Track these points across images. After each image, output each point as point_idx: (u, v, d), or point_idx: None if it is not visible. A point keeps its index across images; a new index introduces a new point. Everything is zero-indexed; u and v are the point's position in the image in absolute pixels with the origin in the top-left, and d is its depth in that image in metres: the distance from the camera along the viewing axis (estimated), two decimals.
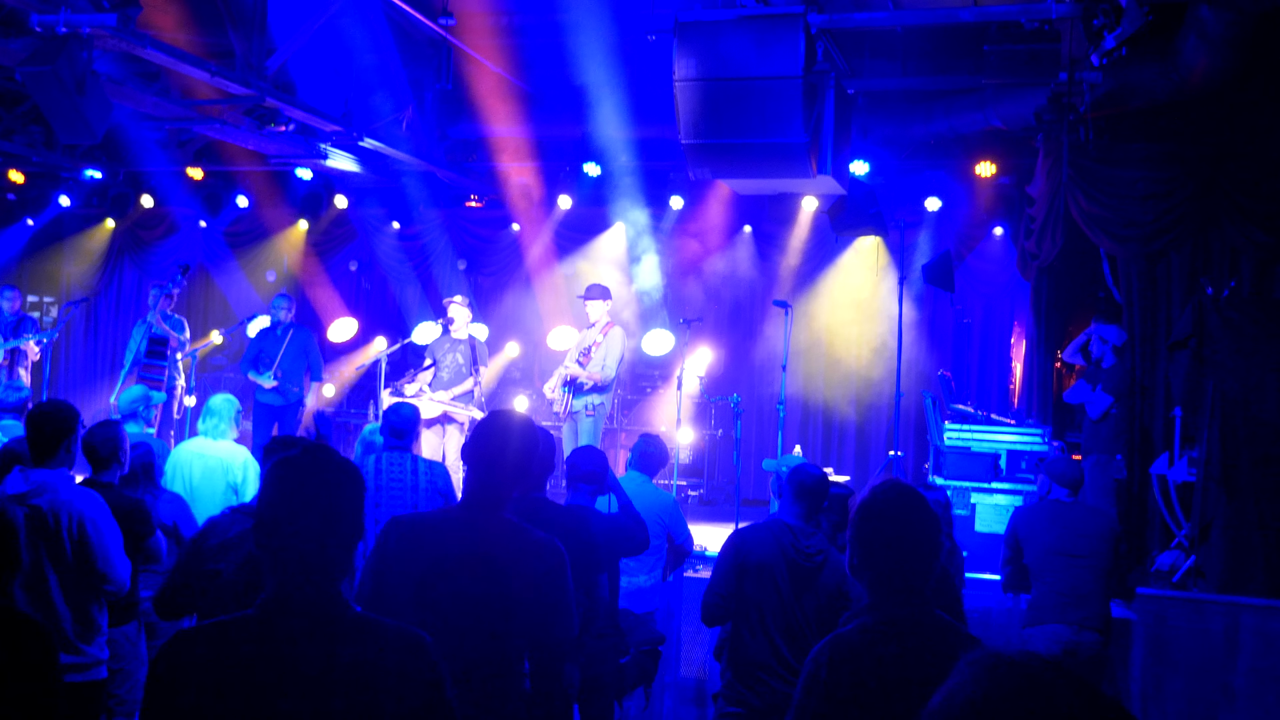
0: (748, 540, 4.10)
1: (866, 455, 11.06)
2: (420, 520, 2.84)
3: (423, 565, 2.65)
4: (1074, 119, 7.42)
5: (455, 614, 2.59)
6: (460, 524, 2.77)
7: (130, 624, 4.46)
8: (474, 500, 2.80)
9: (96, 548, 3.88)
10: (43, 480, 3.88)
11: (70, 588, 3.87)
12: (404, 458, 5.04)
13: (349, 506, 2.04)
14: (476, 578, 2.63)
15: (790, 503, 4.14)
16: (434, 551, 2.67)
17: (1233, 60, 6.44)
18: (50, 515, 3.83)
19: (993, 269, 10.51)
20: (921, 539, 2.44)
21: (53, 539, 3.82)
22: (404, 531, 2.79)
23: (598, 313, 8.35)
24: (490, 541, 2.73)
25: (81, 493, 3.97)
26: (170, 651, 1.94)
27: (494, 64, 9.34)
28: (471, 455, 2.84)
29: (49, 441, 3.94)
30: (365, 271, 13.02)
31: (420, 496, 4.93)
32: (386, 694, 1.92)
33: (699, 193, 10.93)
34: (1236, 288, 7.55)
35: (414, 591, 2.62)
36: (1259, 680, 5.78)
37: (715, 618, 4.13)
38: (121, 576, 3.96)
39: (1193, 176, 7.65)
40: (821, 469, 4.31)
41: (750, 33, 6.47)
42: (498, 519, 2.79)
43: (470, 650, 2.59)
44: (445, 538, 2.72)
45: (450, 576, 2.62)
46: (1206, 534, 6.78)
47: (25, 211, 13.26)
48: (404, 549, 2.74)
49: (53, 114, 6.52)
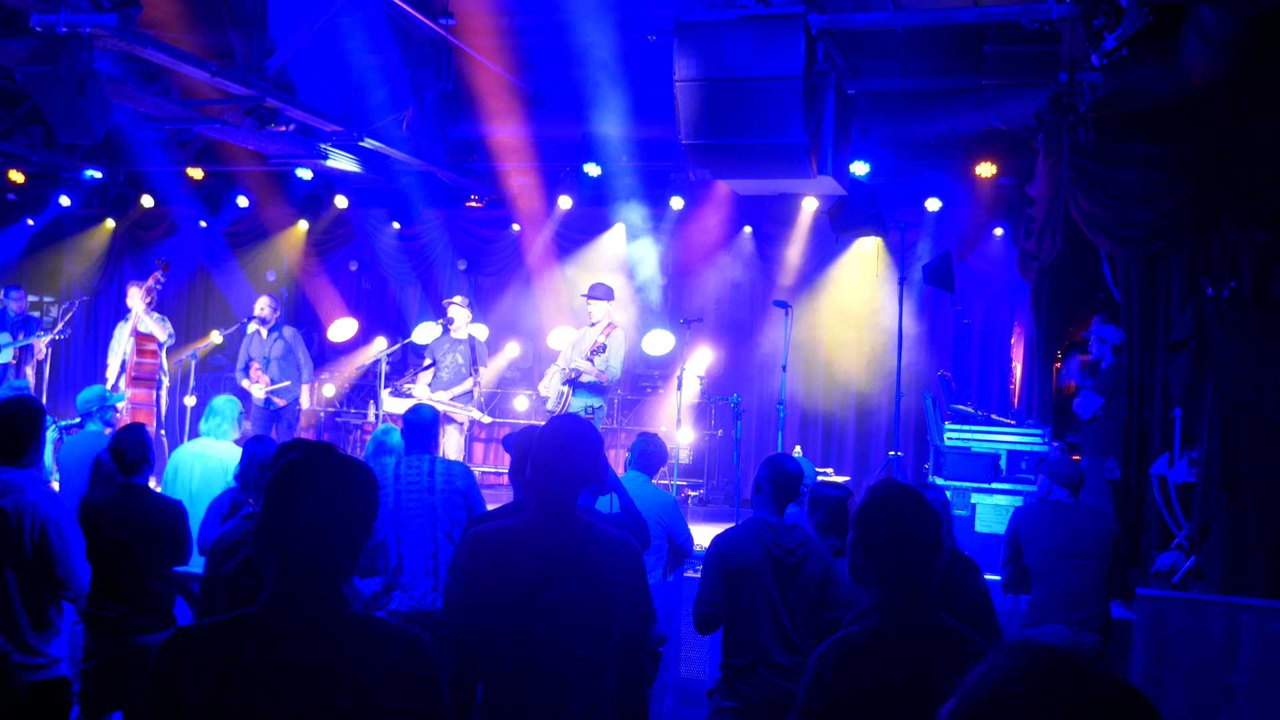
0: (729, 543, 4.11)
1: (866, 455, 11.06)
2: (503, 530, 2.82)
3: (524, 574, 2.68)
4: (1074, 119, 7.42)
5: (563, 618, 2.66)
6: (547, 528, 2.78)
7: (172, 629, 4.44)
8: (550, 503, 2.81)
9: (58, 552, 3.75)
10: (9, 480, 3.74)
11: (28, 589, 3.74)
12: (421, 459, 5.01)
13: (354, 507, 2.03)
14: (580, 580, 2.69)
15: (767, 498, 4.14)
16: (533, 559, 2.70)
17: (1233, 60, 6.44)
18: (13, 516, 3.69)
19: (993, 269, 10.51)
20: (923, 538, 2.43)
21: (13, 540, 3.69)
22: (491, 544, 2.79)
23: (600, 312, 8.33)
24: (582, 543, 2.77)
25: (48, 496, 3.84)
26: (171, 649, 1.94)
27: (494, 64, 9.34)
28: (543, 459, 2.84)
29: (17, 440, 3.80)
30: (365, 271, 13.02)
31: (438, 498, 4.89)
32: (388, 693, 1.92)
33: (699, 193, 10.93)
34: (1236, 288, 7.55)
35: (518, 600, 2.66)
36: (1259, 680, 5.78)
37: (709, 625, 4.15)
38: (81, 583, 3.83)
39: (1193, 177, 7.65)
40: (795, 460, 4.30)
41: (750, 33, 6.47)
42: (576, 520, 2.82)
43: (577, 651, 2.68)
44: (538, 544, 2.74)
45: (554, 582, 2.67)
46: (1206, 534, 6.78)
47: (25, 211, 13.28)
48: (496, 560, 2.74)
49: (53, 114, 6.52)
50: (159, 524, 4.38)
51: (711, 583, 4.09)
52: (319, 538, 1.97)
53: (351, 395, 12.10)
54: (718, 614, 4.09)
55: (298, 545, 1.96)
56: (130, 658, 4.46)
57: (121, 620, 4.45)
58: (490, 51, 9.22)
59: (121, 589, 4.44)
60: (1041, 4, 6.02)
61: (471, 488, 4.98)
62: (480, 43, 9.11)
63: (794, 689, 3.93)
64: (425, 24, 8.56)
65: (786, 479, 4.14)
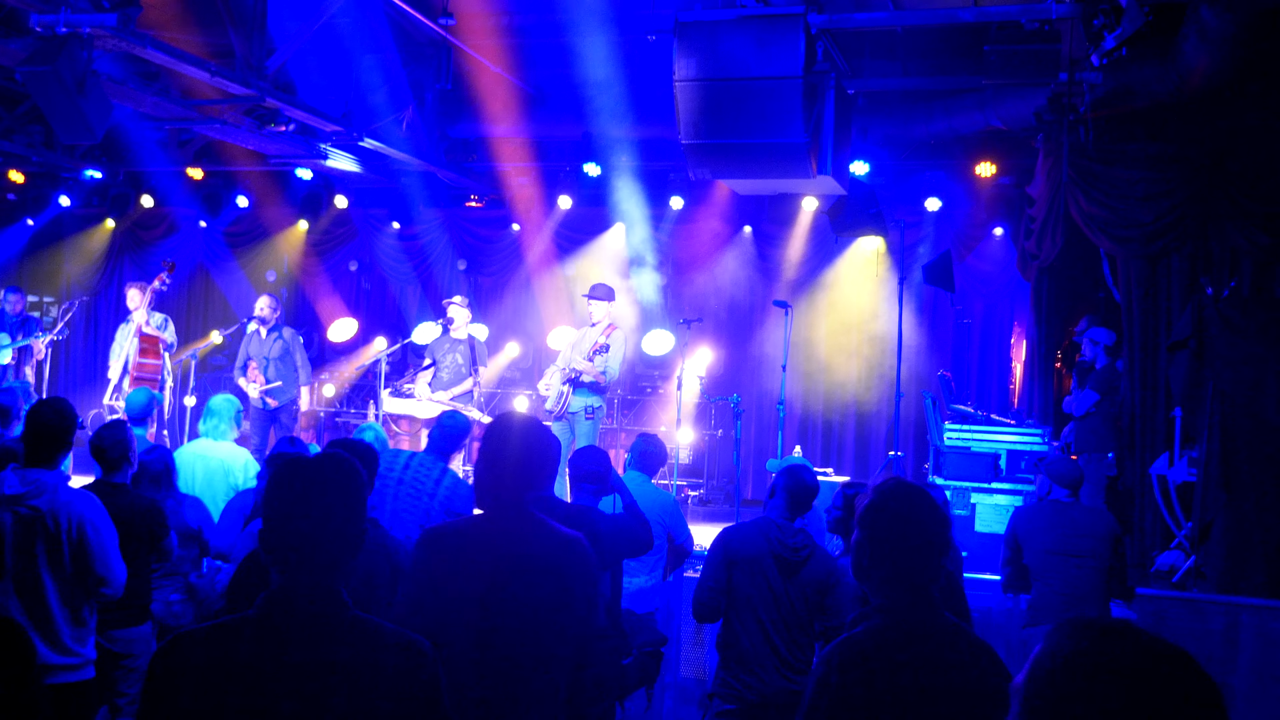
0: (735, 537, 4.16)
1: (866, 455, 11.06)
2: (457, 530, 2.80)
3: (482, 573, 2.66)
4: (1074, 119, 7.42)
5: (520, 617, 2.64)
6: (500, 529, 2.75)
7: (145, 624, 4.47)
8: (499, 503, 2.79)
9: (96, 550, 3.82)
10: (41, 481, 3.80)
11: (65, 590, 3.80)
12: (435, 465, 4.97)
13: (352, 509, 2.04)
14: (539, 578, 2.67)
15: (780, 502, 4.18)
16: (490, 558, 2.68)
17: (1233, 60, 6.43)
18: (50, 517, 3.76)
19: (993, 269, 10.51)
20: (929, 537, 2.41)
21: (51, 541, 3.76)
22: (447, 544, 2.77)
23: (601, 312, 8.33)
24: (538, 542, 2.75)
25: (80, 495, 3.90)
26: (167, 652, 1.95)
27: (494, 64, 9.34)
28: (485, 459, 2.82)
29: (49, 442, 3.86)
30: (365, 271, 13.03)
31: (434, 504, 4.84)
32: (384, 696, 1.92)
33: (699, 193, 10.93)
34: (1236, 288, 7.54)
35: (475, 599, 2.63)
36: (1259, 680, 5.78)
37: (707, 612, 4.17)
38: (119, 579, 3.91)
39: (1193, 176, 7.64)
40: (814, 474, 4.35)
41: (750, 33, 6.47)
42: (531, 519, 2.79)
43: (534, 649, 2.67)
44: (493, 544, 2.71)
45: (513, 580, 2.65)
46: (1206, 534, 6.78)
47: (25, 211, 13.28)
48: (452, 560, 2.72)
49: (53, 114, 6.52)
50: (134, 522, 4.39)
51: (714, 571, 4.12)
52: (316, 540, 1.97)
53: (351, 395, 12.09)
54: (716, 601, 4.11)
55: (295, 547, 1.97)
56: (106, 652, 4.47)
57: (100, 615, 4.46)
58: (490, 51, 9.22)
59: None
60: (1041, 4, 6.02)
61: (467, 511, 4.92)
62: (480, 42, 9.10)
63: (792, 689, 3.96)
64: (425, 24, 8.56)
65: (802, 490, 4.19)
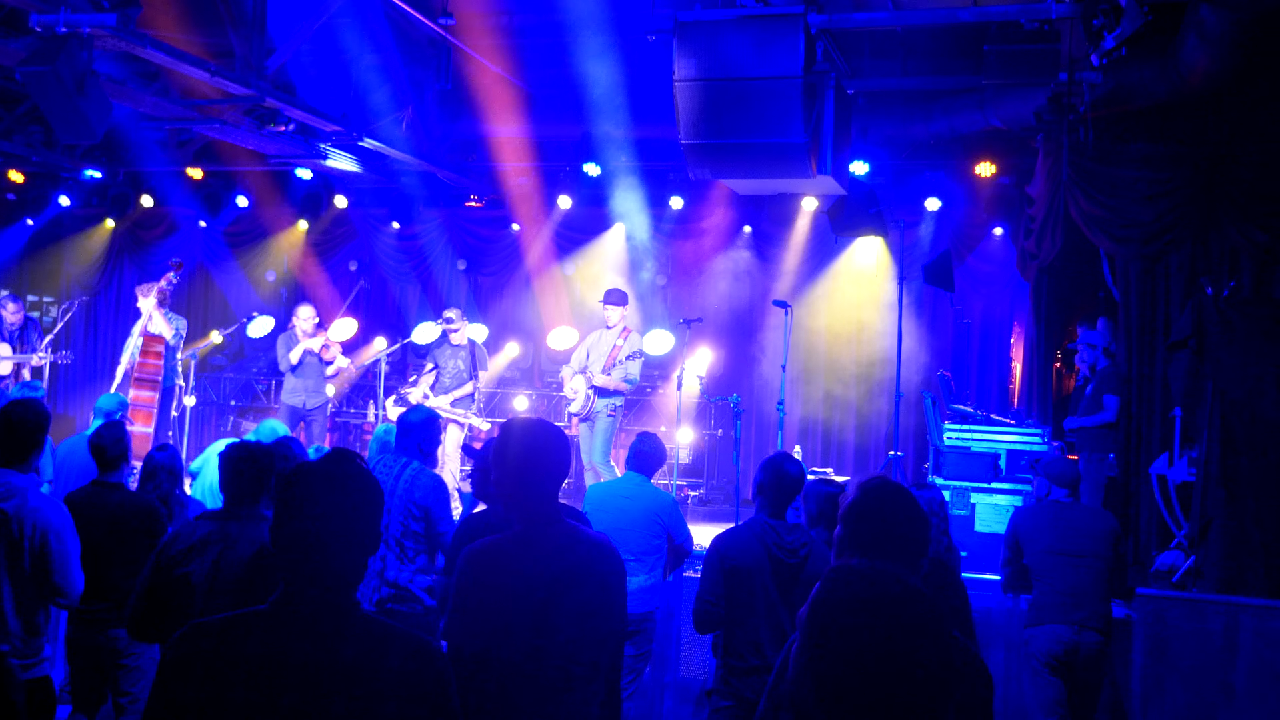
0: (729, 544, 4.12)
1: (866, 455, 11.06)
2: (498, 548, 2.74)
3: (533, 590, 2.65)
4: (1074, 119, 7.41)
5: (571, 627, 2.66)
6: (541, 542, 2.73)
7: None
8: (534, 517, 2.76)
9: (57, 560, 3.73)
10: (11, 484, 3.72)
11: (21, 595, 3.72)
12: (397, 462, 4.87)
13: (361, 511, 2.06)
14: (585, 588, 2.69)
15: (769, 501, 4.14)
16: (539, 574, 2.67)
17: (1233, 60, 6.43)
18: (15, 522, 3.67)
19: (993, 269, 10.51)
20: (904, 537, 2.46)
21: (14, 546, 3.67)
22: (492, 561, 2.73)
23: (616, 317, 8.49)
24: (578, 551, 2.75)
25: (49, 502, 3.82)
26: (180, 642, 1.98)
27: (494, 64, 9.34)
28: (512, 472, 2.78)
29: (22, 444, 3.78)
30: (365, 271, 13.00)
31: (395, 502, 4.72)
32: (389, 698, 1.93)
33: (699, 193, 10.93)
34: (1236, 288, 7.54)
35: (530, 616, 2.63)
36: (1259, 680, 5.77)
37: (708, 624, 4.15)
38: (75, 590, 3.83)
39: (1192, 176, 7.64)
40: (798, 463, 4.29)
41: (750, 33, 6.47)
42: (567, 528, 2.78)
43: (584, 656, 2.68)
44: (542, 557, 2.70)
45: (565, 593, 2.66)
46: (1206, 534, 6.78)
47: (25, 211, 13.27)
48: (502, 577, 2.69)
49: (53, 114, 6.52)
50: (130, 521, 4.38)
51: (711, 582, 4.10)
52: (326, 540, 2.00)
53: (351, 395, 12.09)
54: (717, 613, 4.10)
55: (305, 547, 2.00)
56: (107, 650, 4.50)
57: (97, 615, 4.47)
58: (490, 51, 9.21)
59: (95, 584, 4.43)
60: (1041, 4, 6.02)
61: (437, 503, 4.81)
62: (480, 42, 9.10)
63: None
64: (425, 24, 8.56)
65: (787, 481, 4.14)
